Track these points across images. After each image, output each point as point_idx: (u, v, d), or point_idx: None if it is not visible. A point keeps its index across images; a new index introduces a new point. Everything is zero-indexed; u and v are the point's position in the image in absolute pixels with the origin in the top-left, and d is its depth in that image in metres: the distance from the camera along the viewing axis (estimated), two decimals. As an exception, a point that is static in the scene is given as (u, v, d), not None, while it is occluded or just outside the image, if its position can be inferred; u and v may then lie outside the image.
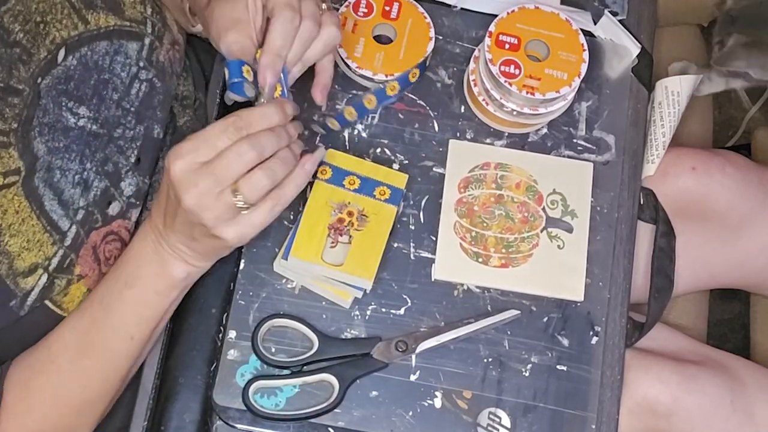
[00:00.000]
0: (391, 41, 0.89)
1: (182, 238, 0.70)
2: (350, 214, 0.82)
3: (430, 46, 0.88)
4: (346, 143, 0.88)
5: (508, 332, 0.83)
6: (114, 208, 0.77)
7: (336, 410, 0.79)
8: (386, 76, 0.87)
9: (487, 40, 0.85)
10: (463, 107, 0.90)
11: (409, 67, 0.87)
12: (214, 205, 0.66)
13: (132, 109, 0.78)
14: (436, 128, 0.89)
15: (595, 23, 0.94)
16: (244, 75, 0.72)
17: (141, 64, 0.78)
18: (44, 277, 0.71)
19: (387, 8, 0.89)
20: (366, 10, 0.89)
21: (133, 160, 0.78)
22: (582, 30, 0.88)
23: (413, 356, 0.82)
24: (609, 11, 0.94)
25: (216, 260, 0.75)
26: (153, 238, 0.72)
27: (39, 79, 0.71)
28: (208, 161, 0.65)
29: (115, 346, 0.74)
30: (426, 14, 0.90)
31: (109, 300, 0.73)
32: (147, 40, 0.79)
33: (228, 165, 0.65)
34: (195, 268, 0.73)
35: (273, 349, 0.81)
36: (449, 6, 0.94)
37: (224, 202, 0.66)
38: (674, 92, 0.94)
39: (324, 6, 0.76)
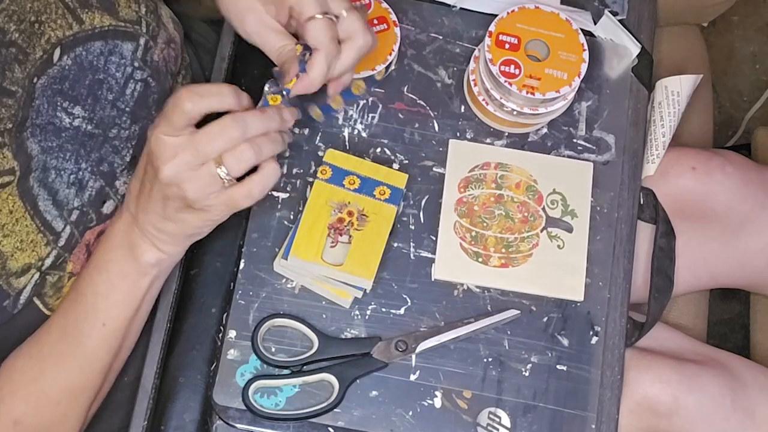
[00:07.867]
0: None
1: (154, 218, 0.69)
2: (350, 213, 0.82)
3: (379, 67, 0.87)
4: (346, 143, 0.88)
5: (508, 332, 0.83)
6: (108, 207, 0.77)
7: (336, 410, 0.79)
8: None
9: (487, 40, 0.85)
10: (463, 107, 0.90)
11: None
12: (195, 176, 0.64)
13: (127, 109, 0.78)
14: (436, 128, 0.89)
15: (595, 23, 0.94)
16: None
17: (136, 64, 0.78)
18: (36, 275, 0.71)
19: (375, 21, 0.88)
20: None
21: (128, 159, 0.78)
22: (582, 30, 0.88)
23: (413, 356, 0.82)
24: (609, 11, 0.94)
25: (187, 246, 0.73)
26: (125, 222, 0.71)
27: (35, 79, 0.71)
28: (190, 134, 0.64)
29: (86, 331, 0.73)
30: (397, 46, 0.87)
31: (81, 284, 0.72)
32: (142, 40, 0.79)
33: (210, 139, 0.63)
34: (164, 254, 0.72)
35: (273, 349, 0.81)
36: (449, 6, 0.94)
37: (206, 173, 0.64)
38: (674, 92, 0.94)
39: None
